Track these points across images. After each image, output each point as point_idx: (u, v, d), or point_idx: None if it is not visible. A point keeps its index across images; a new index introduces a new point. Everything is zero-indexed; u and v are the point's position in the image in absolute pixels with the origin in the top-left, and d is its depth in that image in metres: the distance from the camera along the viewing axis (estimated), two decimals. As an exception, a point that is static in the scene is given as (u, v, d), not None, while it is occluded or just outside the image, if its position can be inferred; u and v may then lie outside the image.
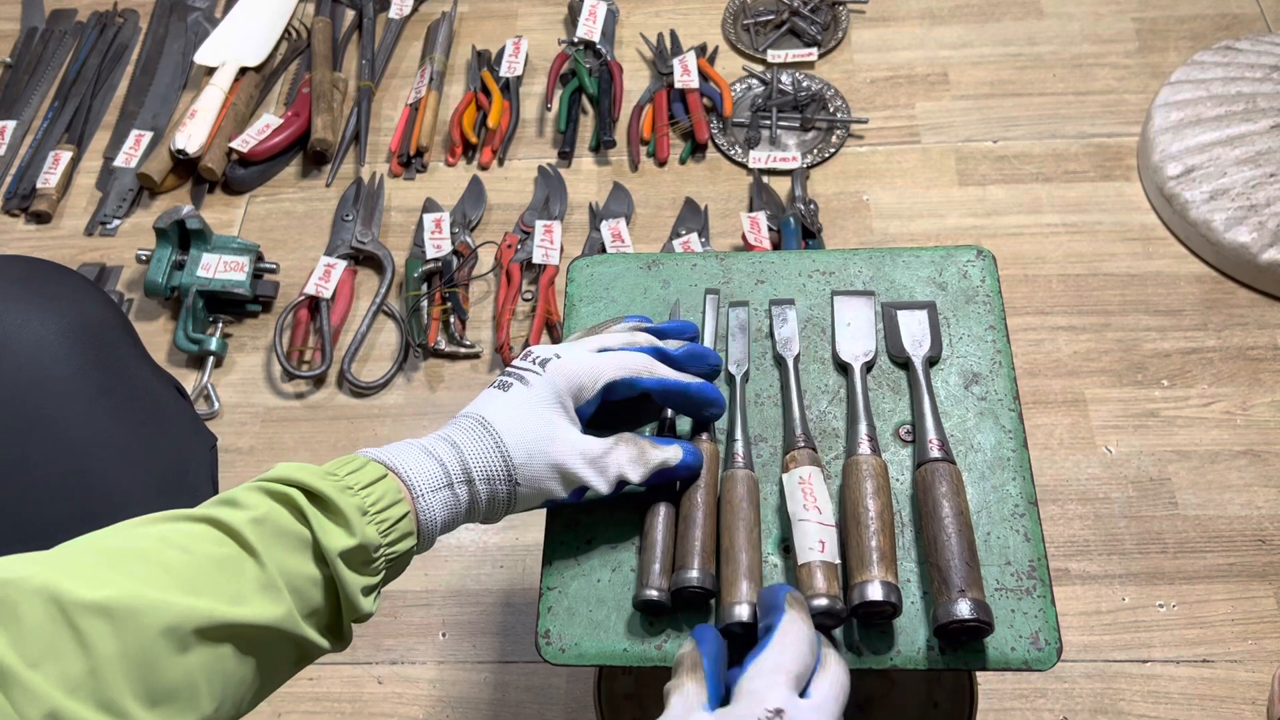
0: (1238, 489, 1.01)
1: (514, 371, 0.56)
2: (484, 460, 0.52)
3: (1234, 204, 1.13)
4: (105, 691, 0.38)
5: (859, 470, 0.56)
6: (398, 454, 0.50)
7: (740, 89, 1.37)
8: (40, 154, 1.37)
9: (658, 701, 0.74)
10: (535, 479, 0.53)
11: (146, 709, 0.40)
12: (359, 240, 1.25)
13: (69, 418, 0.57)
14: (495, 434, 0.52)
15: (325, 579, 0.46)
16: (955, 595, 0.51)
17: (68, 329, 0.59)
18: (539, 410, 0.53)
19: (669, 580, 0.55)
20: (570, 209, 1.27)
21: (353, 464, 0.49)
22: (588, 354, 0.56)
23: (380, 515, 0.47)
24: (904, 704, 0.76)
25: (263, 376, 1.17)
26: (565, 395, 0.54)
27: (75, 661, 0.38)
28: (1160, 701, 0.91)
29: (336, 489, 0.47)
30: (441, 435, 0.53)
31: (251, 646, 0.44)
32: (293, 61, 1.46)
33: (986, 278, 0.66)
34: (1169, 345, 1.10)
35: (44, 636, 0.38)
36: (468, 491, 0.52)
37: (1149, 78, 1.33)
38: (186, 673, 0.41)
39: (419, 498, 0.50)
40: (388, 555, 0.48)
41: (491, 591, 1.01)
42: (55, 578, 0.39)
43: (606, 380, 0.55)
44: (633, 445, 0.56)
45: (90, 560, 0.41)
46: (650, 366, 0.57)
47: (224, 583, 0.43)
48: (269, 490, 0.46)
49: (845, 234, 1.22)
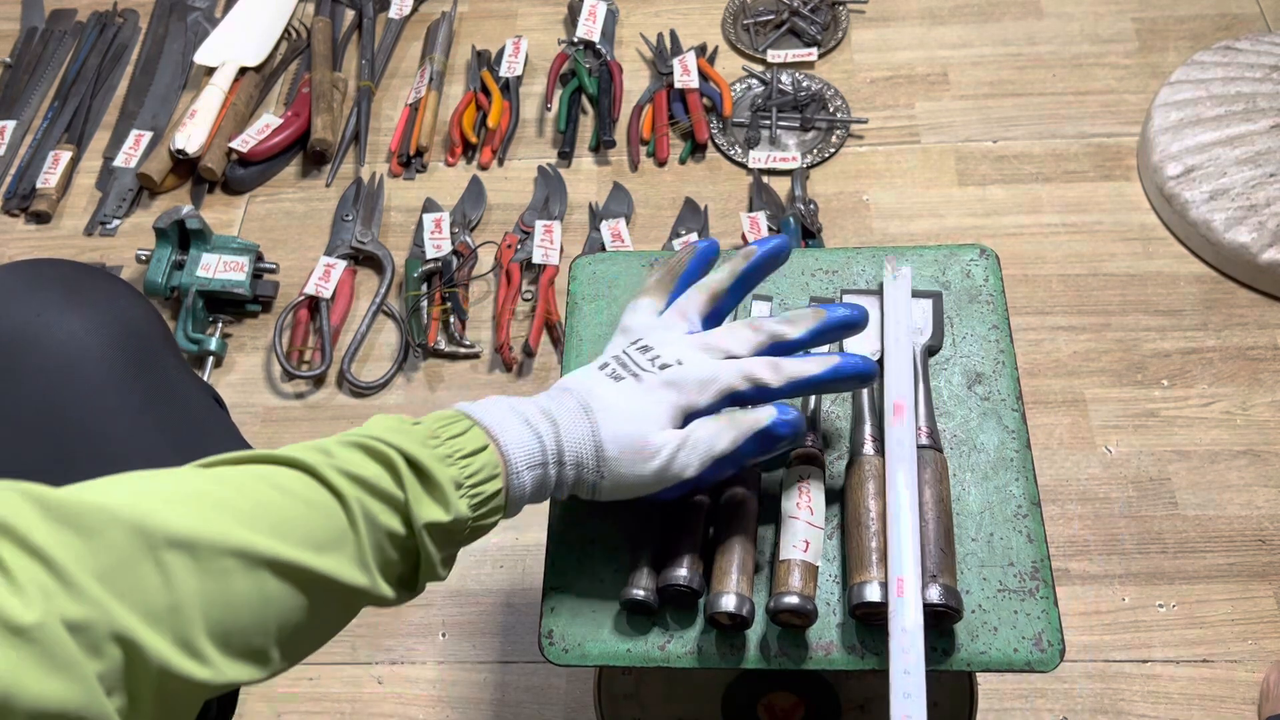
0: (1238, 489, 1.01)
1: (630, 364, 0.54)
2: (578, 445, 0.50)
3: (1234, 204, 1.13)
4: (184, 628, 0.38)
5: (861, 471, 0.56)
6: (501, 423, 0.49)
7: (740, 89, 1.37)
8: (40, 154, 1.37)
9: (658, 702, 0.74)
10: (620, 475, 0.51)
11: (219, 649, 0.39)
12: (359, 240, 1.24)
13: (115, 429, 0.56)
14: (594, 421, 0.50)
15: (409, 539, 0.45)
16: (927, 580, 0.52)
17: (115, 339, 0.58)
18: (644, 411, 0.51)
19: (657, 580, 0.54)
20: (570, 209, 1.27)
21: (455, 426, 0.48)
22: (711, 362, 0.53)
23: (475, 490, 0.46)
24: (905, 704, 0.76)
25: (263, 376, 1.17)
26: (675, 406, 0.52)
27: (158, 595, 0.37)
28: (1160, 701, 0.91)
29: (437, 459, 0.46)
30: (542, 408, 0.51)
31: (326, 596, 0.43)
32: (293, 61, 1.46)
33: (990, 277, 0.66)
34: (1169, 345, 1.11)
35: (131, 566, 0.37)
36: (558, 473, 0.50)
37: (1149, 78, 1.33)
38: (261, 616, 0.41)
39: (514, 475, 0.48)
40: (474, 528, 0.47)
41: (492, 592, 1.01)
42: (146, 506, 0.38)
43: (726, 391, 0.52)
44: (720, 416, 0.52)
45: (183, 491, 0.41)
46: (777, 369, 0.53)
47: (313, 530, 0.42)
48: (368, 449, 0.45)
49: (845, 234, 1.22)
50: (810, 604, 0.52)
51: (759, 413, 0.52)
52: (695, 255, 0.59)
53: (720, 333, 0.55)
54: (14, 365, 0.55)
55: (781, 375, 0.53)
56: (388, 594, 0.45)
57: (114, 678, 0.36)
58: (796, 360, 0.53)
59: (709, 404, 0.52)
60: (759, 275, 0.58)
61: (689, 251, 0.59)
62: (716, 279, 0.57)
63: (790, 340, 0.54)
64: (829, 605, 0.55)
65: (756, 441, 0.52)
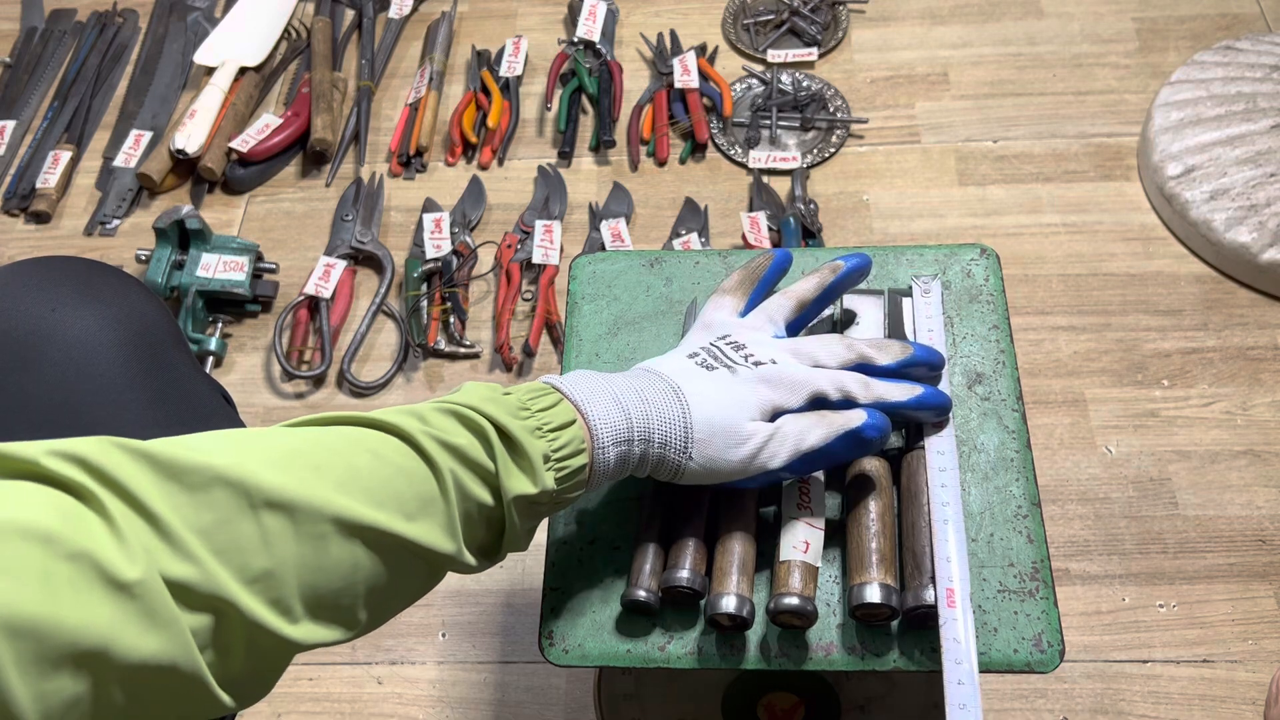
0: (1238, 489, 1.01)
1: (723, 356, 0.55)
2: (668, 426, 0.51)
3: (1234, 204, 1.13)
4: (278, 589, 0.39)
5: (862, 472, 0.56)
6: (590, 398, 0.50)
7: (740, 89, 1.37)
8: (40, 154, 1.37)
9: (658, 702, 0.74)
10: (710, 459, 0.51)
11: (310, 610, 0.40)
12: (359, 240, 1.24)
13: (124, 424, 0.57)
14: (685, 403, 0.51)
15: (495, 509, 0.46)
16: (926, 581, 0.51)
17: (127, 336, 0.59)
18: (736, 401, 0.52)
19: (659, 581, 0.55)
20: (570, 209, 1.27)
21: (545, 399, 0.48)
22: (802, 369, 0.55)
23: (562, 464, 0.47)
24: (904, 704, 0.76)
25: (262, 376, 1.17)
26: (769, 402, 0.53)
27: (256, 555, 0.38)
28: (1160, 702, 0.91)
29: (526, 431, 0.46)
30: (634, 386, 0.52)
31: (414, 561, 0.44)
32: (292, 61, 1.46)
33: (990, 277, 0.66)
34: (1169, 345, 1.11)
35: (232, 527, 0.38)
36: (643, 451, 0.51)
37: (1149, 77, 1.33)
38: (351, 580, 0.41)
39: (600, 450, 0.49)
40: (556, 501, 0.48)
41: (492, 592, 1.01)
42: (250, 466, 0.39)
43: (817, 396, 0.54)
44: (811, 414, 0.54)
45: (283, 452, 0.41)
46: (867, 387, 0.55)
47: (405, 497, 0.43)
48: (461, 416, 0.46)
49: (845, 234, 1.22)
50: (810, 605, 0.52)
51: (851, 414, 0.53)
52: (774, 262, 0.62)
53: (813, 342, 0.57)
54: (28, 360, 0.56)
55: (870, 393, 0.55)
56: (471, 562, 0.46)
57: (207, 633, 0.37)
58: (885, 383, 0.55)
59: (799, 406, 0.54)
60: (843, 288, 0.61)
61: (767, 257, 0.62)
62: (804, 288, 0.60)
63: (877, 365, 0.56)
64: (829, 606, 0.55)
65: (845, 441, 0.53)
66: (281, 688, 0.97)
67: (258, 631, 0.38)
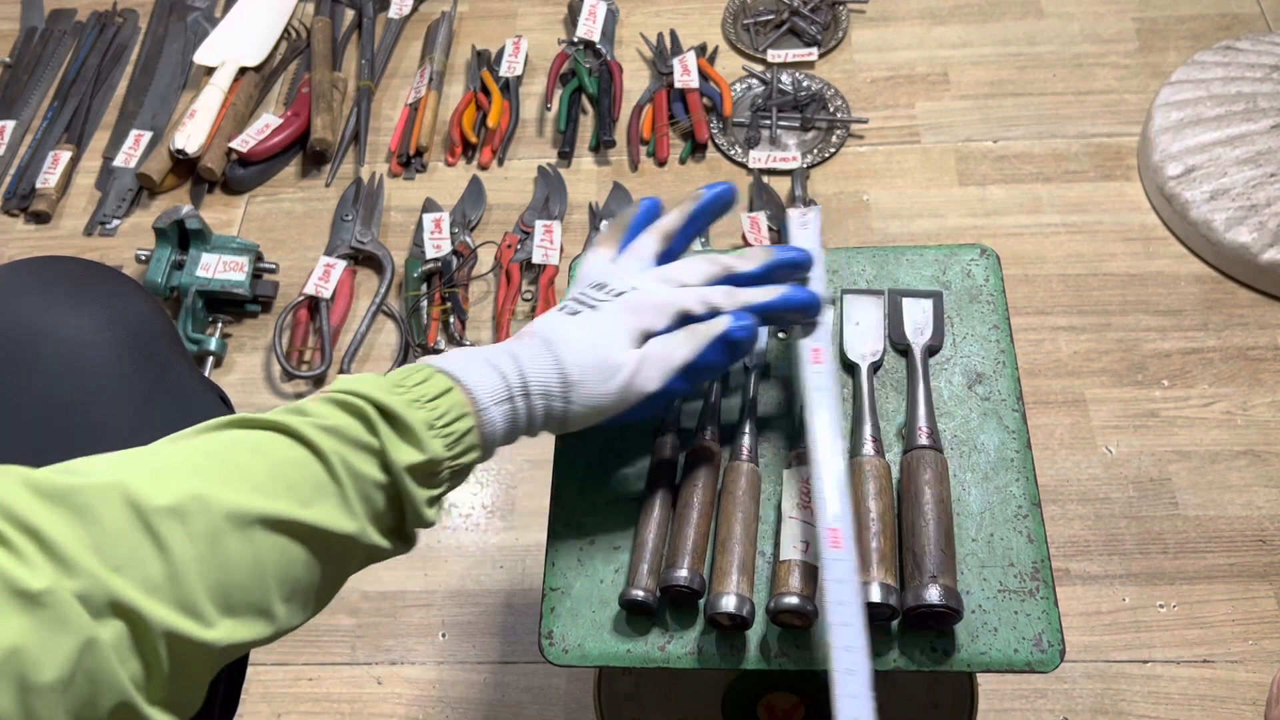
0: (1238, 489, 1.01)
1: (585, 298, 0.56)
2: (542, 375, 0.52)
3: (1234, 204, 1.13)
4: (184, 593, 0.39)
5: (862, 471, 0.56)
6: (462, 366, 0.51)
7: (740, 89, 1.37)
8: (40, 154, 1.37)
9: (658, 702, 0.74)
10: (589, 397, 0.53)
11: (222, 610, 0.40)
12: (359, 240, 1.24)
13: (120, 426, 0.57)
14: (555, 351, 0.53)
15: (391, 485, 0.46)
16: (926, 581, 0.51)
17: (121, 336, 0.59)
18: (603, 335, 0.54)
19: (657, 580, 0.55)
20: (570, 209, 1.27)
21: (419, 375, 0.49)
22: (666, 289, 0.56)
23: (447, 429, 0.48)
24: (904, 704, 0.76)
25: (262, 377, 1.17)
26: (634, 329, 0.54)
27: (155, 564, 0.38)
28: (1160, 702, 0.91)
29: (405, 403, 0.47)
30: (503, 348, 0.53)
31: (320, 548, 0.44)
32: (292, 61, 1.46)
33: (990, 277, 0.66)
34: (1169, 345, 1.11)
35: (125, 540, 0.38)
36: (525, 405, 0.52)
37: (1149, 77, 1.33)
38: (258, 573, 0.41)
39: (482, 410, 0.50)
40: (452, 467, 0.49)
41: (491, 592, 1.01)
42: (132, 481, 0.39)
43: (683, 314, 0.55)
44: (677, 332, 0.55)
45: (164, 462, 0.42)
46: (731, 296, 0.56)
47: (296, 485, 0.43)
48: (338, 401, 0.47)
49: (845, 234, 1.22)
50: (810, 604, 0.52)
51: (716, 321, 0.54)
52: (640, 209, 0.62)
53: (676, 265, 0.58)
54: (22, 360, 0.56)
55: (735, 301, 0.55)
56: (380, 542, 0.47)
57: (124, 646, 0.37)
58: (749, 289, 0.56)
59: (666, 326, 0.55)
60: (707, 218, 0.61)
61: (634, 207, 0.63)
62: (667, 221, 0.61)
63: (742, 273, 0.57)
64: (829, 605, 0.55)
65: (716, 349, 0.54)
66: (281, 688, 0.97)
67: (173, 639, 0.38)
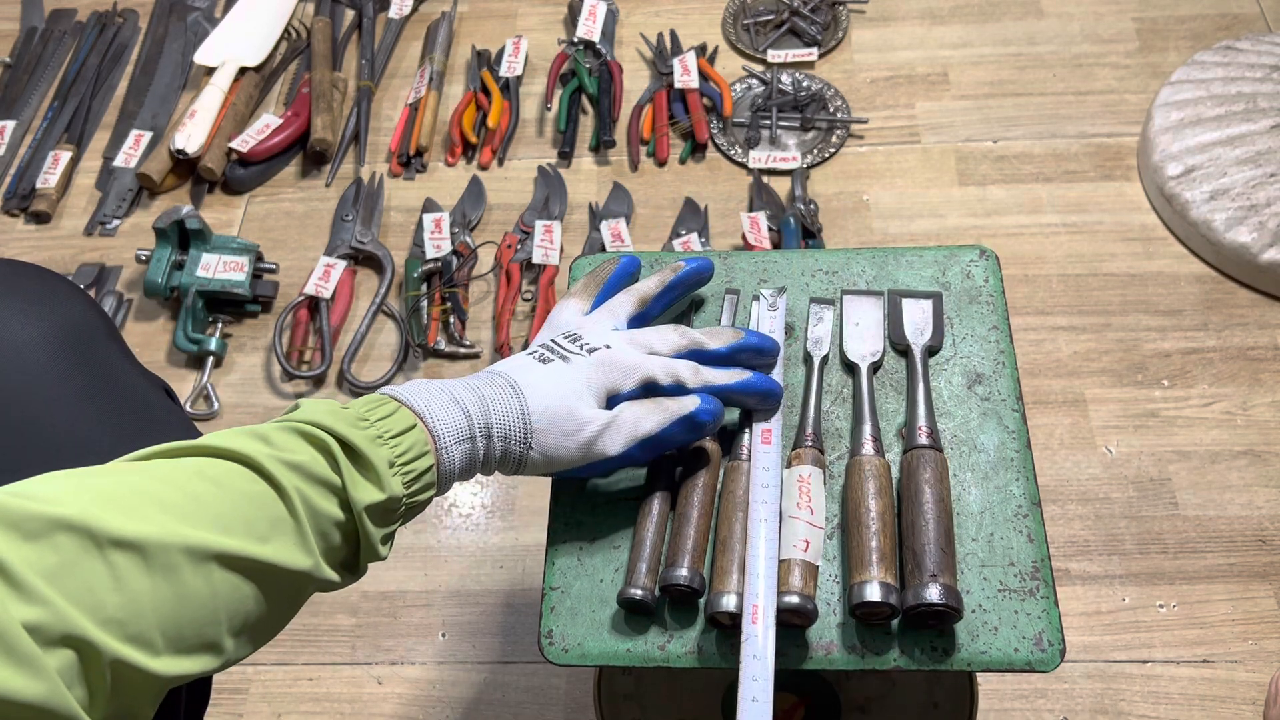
0: (1238, 489, 1.01)
1: (559, 348, 0.57)
2: (506, 419, 0.52)
3: (1234, 204, 1.13)
4: (136, 625, 0.39)
5: (861, 471, 0.56)
6: (427, 402, 0.51)
7: (740, 89, 1.37)
8: (40, 154, 1.37)
9: (658, 702, 0.74)
10: (549, 448, 0.53)
11: (172, 643, 0.40)
12: (359, 240, 1.24)
13: (55, 422, 0.57)
14: (522, 396, 0.53)
15: (348, 523, 0.46)
16: (926, 579, 0.51)
17: (51, 332, 0.59)
18: (571, 388, 0.54)
19: (655, 579, 0.55)
20: (570, 209, 1.27)
21: (383, 408, 0.49)
22: (636, 354, 0.56)
23: (407, 467, 0.48)
24: (904, 704, 0.76)
25: (262, 377, 1.17)
26: (601, 387, 0.55)
27: (108, 594, 0.38)
28: (1160, 702, 0.91)
29: (368, 440, 0.47)
30: (470, 386, 0.53)
31: (272, 584, 0.44)
32: (292, 61, 1.46)
33: (990, 278, 0.66)
34: (1169, 345, 1.11)
35: (78, 567, 0.38)
36: (485, 446, 0.52)
37: (1149, 78, 1.33)
38: (211, 608, 0.41)
39: (443, 449, 0.50)
40: (409, 505, 0.49)
41: (492, 592, 1.01)
42: (90, 509, 0.39)
43: (648, 380, 0.56)
44: (647, 401, 0.56)
45: (124, 490, 0.41)
46: (696, 372, 0.57)
47: (253, 520, 0.43)
48: (304, 433, 0.46)
49: (845, 234, 1.22)
50: (810, 604, 0.52)
51: (685, 400, 0.56)
52: (619, 266, 0.64)
53: (647, 331, 0.59)
54: None
55: (699, 378, 0.57)
56: (332, 577, 0.47)
57: (72, 673, 0.37)
58: (714, 369, 0.58)
59: (631, 390, 0.56)
60: (683, 289, 0.63)
61: (613, 261, 0.64)
62: (645, 286, 0.62)
63: (709, 350, 0.59)
64: (829, 605, 0.55)
65: (681, 426, 0.55)
66: (281, 688, 0.97)
67: (120, 666, 0.38)
